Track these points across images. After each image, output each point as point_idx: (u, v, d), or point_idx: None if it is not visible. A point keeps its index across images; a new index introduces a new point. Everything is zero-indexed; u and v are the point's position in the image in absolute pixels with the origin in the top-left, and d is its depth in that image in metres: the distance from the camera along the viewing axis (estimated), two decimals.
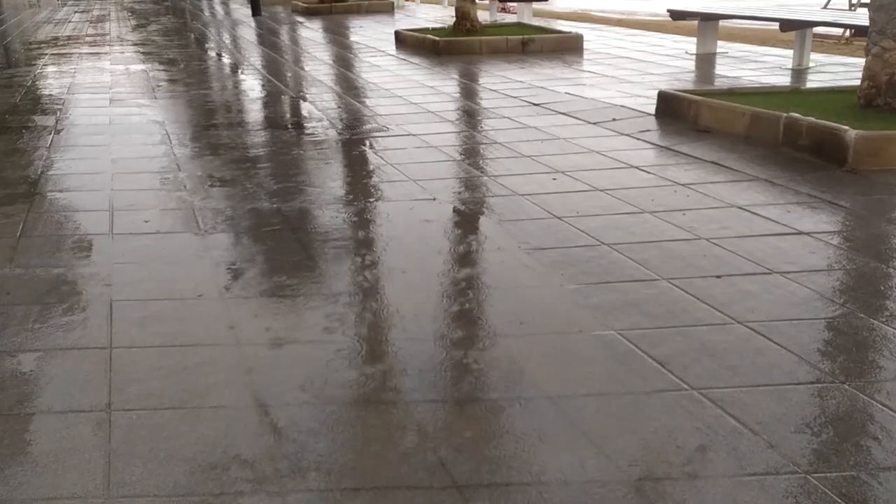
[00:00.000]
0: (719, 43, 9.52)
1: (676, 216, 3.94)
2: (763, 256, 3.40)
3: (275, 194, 4.52)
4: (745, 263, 3.34)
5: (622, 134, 5.69)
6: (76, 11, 21.60)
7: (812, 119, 4.77)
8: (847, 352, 2.64)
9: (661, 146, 5.39)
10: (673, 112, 6.00)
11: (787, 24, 8.02)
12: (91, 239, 3.87)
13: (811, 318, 2.87)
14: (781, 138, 4.94)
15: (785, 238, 3.62)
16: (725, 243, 3.56)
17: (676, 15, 9.67)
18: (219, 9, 22.51)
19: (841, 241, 3.64)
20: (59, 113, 7.15)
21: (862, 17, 7.50)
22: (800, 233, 3.68)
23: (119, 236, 3.91)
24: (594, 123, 6.05)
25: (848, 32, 11.56)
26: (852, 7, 21.87)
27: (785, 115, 4.94)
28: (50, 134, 6.24)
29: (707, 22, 9.28)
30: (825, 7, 23.01)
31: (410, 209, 4.22)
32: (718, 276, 3.22)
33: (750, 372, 2.52)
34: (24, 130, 6.43)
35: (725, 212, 3.99)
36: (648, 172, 4.73)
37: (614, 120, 6.11)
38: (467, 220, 4.13)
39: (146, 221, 4.10)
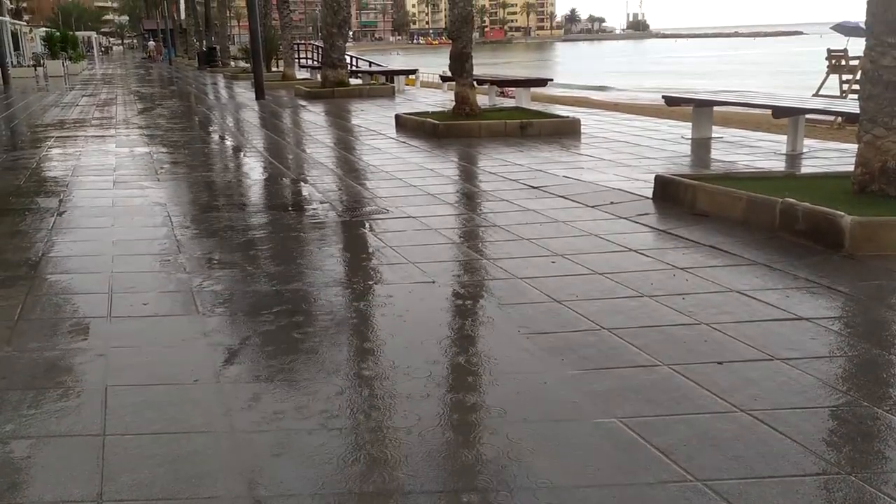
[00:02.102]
0: (714, 128, 9.73)
1: (676, 300, 3.94)
2: (764, 342, 3.38)
3: (274, 276, 4.53)
4: (746, 349, 3.32)
5: (620, 217, 5.74)
6: (84, 95, 22.11)
7: (808, 205, 4.83)
8: (852, 441, 2.60)
9: (660, 230, 5.43)
10: (670, 196, 6.07)
11: (780, 111, 8.21)
12: (89, 322, 3.85)
13: (815, 407, 2.83)
14: (778, 223, 4.99)
15: (785, 323, 3.61)
16: (726, 328, 3.55)
17: (671, 101, 9.91)
18: (223, 92, 23.05)
19: (841, 326, 3.62)
20: (62, 195, 7.24)
21: (853, 105, 7.67)
22: (800, 318, 3.67)
23: (117, 319, 3.90)
24: (592, 207, 6.11)
25: (840, 118, 11.81)
26: (843, 94, 22.41)
27: (781, 200, 5.00)
28: (52, 216, 6.29)
29: (701, 108, 9.49)
30: (817, 93, 23.59)
31: (410, 292, 4.22)
32: (720, 363, 3.20)
33: (755, 462, 2.47)
34: (26, 212, 6.49)
35: (725, 296, 3.99)
36: (647, 256, 4.75)
37: (612, 203, 6.18)
38: (467, 303, 4.12)
39: (145, 304, 4.09)
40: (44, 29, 52.06)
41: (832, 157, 7.96)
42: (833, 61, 23.97)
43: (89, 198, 7.11)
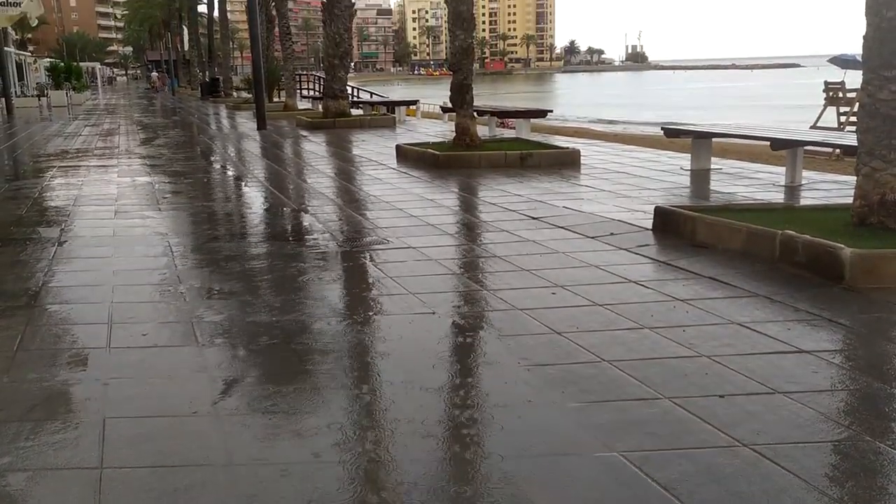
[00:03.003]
0: (713, 159, 9.77)
1: (677, 332, 3.93)
2: (765, 375, 3.36)
3: (274, 307, 4.52)
4: (747, 382, 3.31)
5: (620, 248, 5.75)
6: (87, 125, 22.25)
7: (808, 237, 4.83)
8: (855, 477, 2.58)
9: (660, 261, 5.43)
10: (670, 227, 6.09)
11: (778, 143, 8.25)
12: (88, 353, 3.84)
13: (817, 441, 2.81)
14: (778, 255, 4.99)
15: (786, 356, 3.60)
16: (727, 361, 3.53)
17: (671, 133, 9.97)
18: (225, 122, 23.21)
19: (843, 360, 3.61)
20: (63, 225, 7.25)
21: (850, 138, 7.72)
22: (801, 351, 3.66)
23: (116, 350, 3.89)
24: (592, 237, 6.12)
25: (838, 150, 11.87)
26: (841, 126, 22.58)
27: (781, 232, 5.01)
28: (53, 246, 6.30)
29: (700, 139, 9.55)
30: (815, 125, 23.73)
31: (410, 323, 4.22)
32: (721, 396, 3.18)
33: (758, 498, 2.45)
34: (27, 242, 6.50)
35: (726, 328, 3.98)
36: (647, 287, 4.75)
37: (612, 234, 6.19)
38: (467, 334, 4.11)
39: (144, 335, 4.08)
40: (48, 60, 52.57)
41: (831, 188, 7.99)
42: (830, 93, 24.16)
43: (90, 227, 7.13)
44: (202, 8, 51.20)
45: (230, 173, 11.94)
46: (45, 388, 3.41)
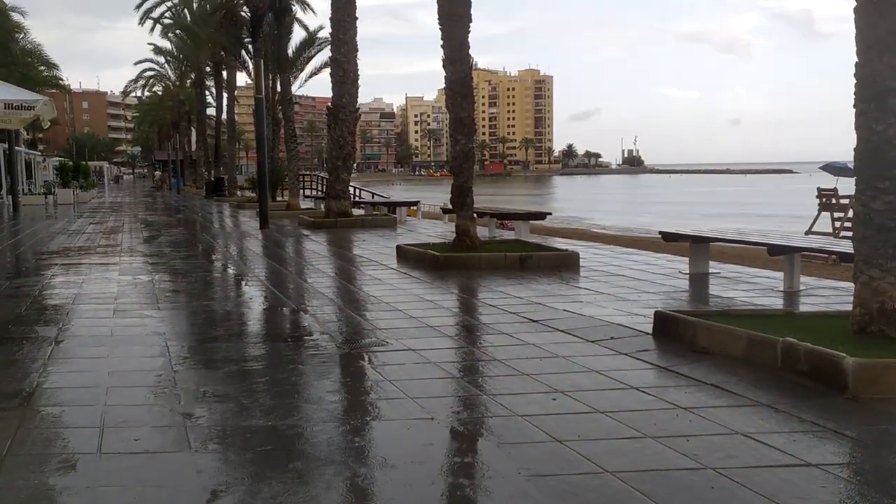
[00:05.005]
0: (711, 262, 9.83)
1: (680, 442, 3.85)
2: (773, 490, 3.27)
3: (270, 411, 4.45)
4: (754, 497, 3.22)
5: (621, 353, 5.71)
6: (91, 222, 22.51)
7: (809, 345, 4.81)
8: None
9: (661, 367, 5.39)
10: (670, 332, 6.06)
11: (775, 249, 8.33)
12: (78, 458, 3.75)
13: None
14: (780, 362, 4.95)
15: (793, 470, 3.51)
16: (732, 474, 3.45)
17: (668, 237, 10.07)
18: (228, 221, 23.50)
19: (851, 474, 3.53)
20: (61, 323, 7.22)
21: (846, 245, 7.79)
22: (808, 464, 3.57)
23: (106, 456, 3.80)
24: (593, 341, 6.09)
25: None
26: (836, 232, 22.87)
27: (782, 339, 4.98)
28: (50, 345, 6.26)
29: (698, 244, 9.64)
30: (810, 230, 24.02)
31: (408, 429, 4.14)
32: None
33: None
34: (24, 341, 6.45)
35: (730, 439, 3.90)
36: (649, 394, 4.69)
37: (612, 338, 6.16)
38: (466, 442, 4.03)
39: (136, 440, 4.00)
40: (57, 158, 53.67)
41: (829, 294, 8.00)
42: (824, 199, 24.58)
43: (88, 326, 7.10)
44: (211, 111, 52.75)
45: (231, 272, 11.99)
46: (32, 494, 3.32)
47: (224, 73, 43.41)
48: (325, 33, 27.04)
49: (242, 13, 30.36)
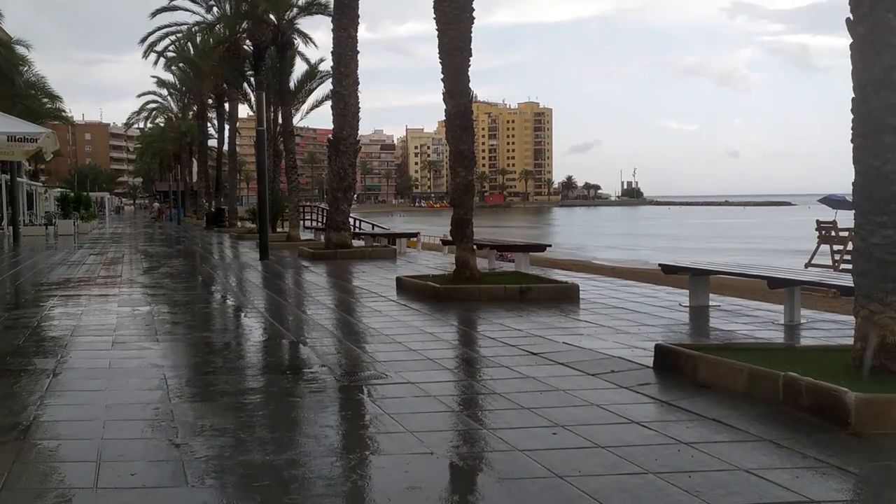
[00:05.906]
0: (711, 295, 9.82)
1: (682, 478, 3.81)
2: None
3: (268, 444, 4.41)
4: None
5: (621, 387, 5.68)
6: (91, 253, 22.51)
7: (811, 379, 4.78)
8: None
9: (662, 401, 5.35)
10: (671, 365, 6.04)
11: (775, 283, 8.32)
12: (74, 493, 3.71)
13: None
14: (782, 397, 4.92)
15: None
16: None
17: (668, 269, 10.06)
18: (228, 252, 23.51)
19: None
20: (59, 356, 7.18)
21: (846, 278, 7.79)
22: (811, 501, 3.53)
23: (102, 490, 3.76)
24: (593, 375, 6.06)
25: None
26: (835, 264, 22.88)
27: (783, 374, 4.95)
28: (48, 378, 6.22)
29: (698, 276, 9.63)
30: (810, 262, 24.04)
31: (407, 463, 4.11)
32: None
33: None
34: (22, 374, 6.42)
35: (733, 475, 3.87)
36: (650, 429, 4.66)
37: (613, 372, 6.13)
38: (465, 477, 3.99)
39: (132, 474, 3.96)
40: (59, 189, 53.89)
41: (830, 328, 7.98)
42: (823, 232, 24.64)
43: (86, 359, 7.06)
44: (212, 142, 53.09)
45: (230, 303, 11.96)
46: None
47: (226, 105, 43.79)
48: (327, 66, 27.38)
49: (245, 46, 30.73)
